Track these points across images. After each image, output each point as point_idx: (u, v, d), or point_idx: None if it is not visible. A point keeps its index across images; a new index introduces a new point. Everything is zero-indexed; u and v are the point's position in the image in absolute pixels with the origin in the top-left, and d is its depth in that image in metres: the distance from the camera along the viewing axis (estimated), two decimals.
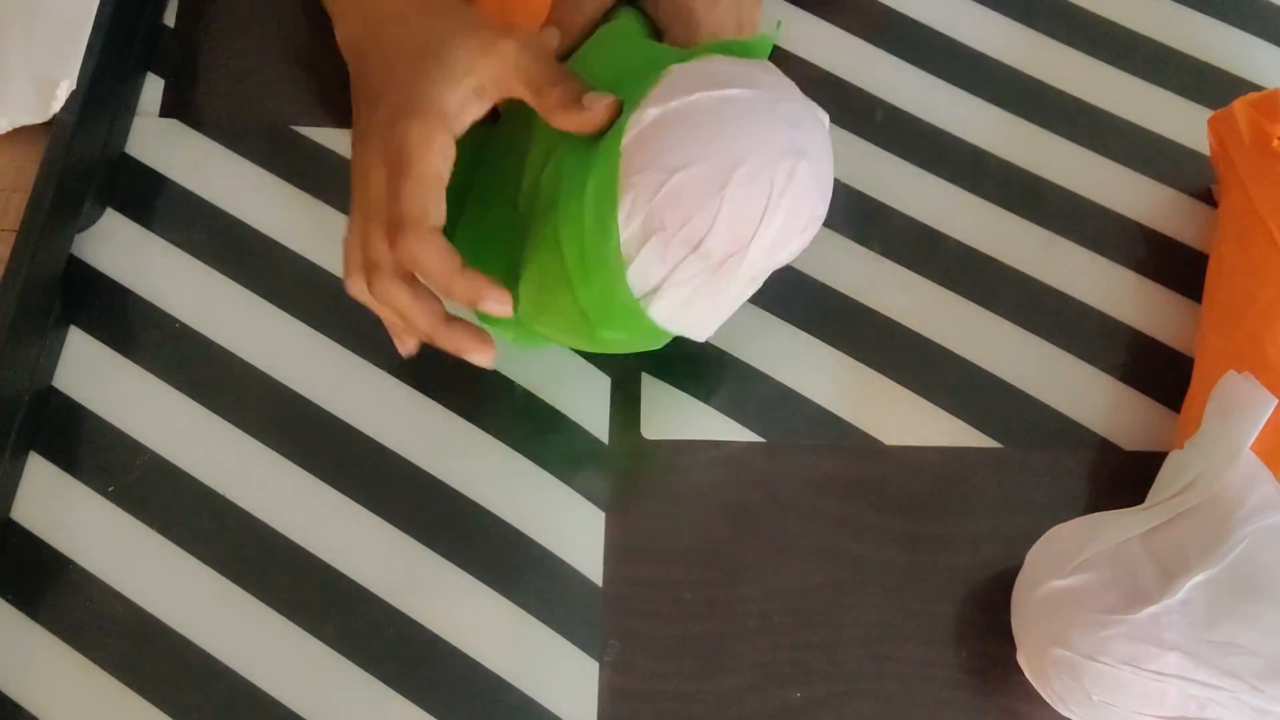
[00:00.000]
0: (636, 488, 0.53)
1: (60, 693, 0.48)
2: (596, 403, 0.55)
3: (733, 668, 0.50)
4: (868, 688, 0.49)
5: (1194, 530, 0.46)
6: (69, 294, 0.56)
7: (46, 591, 0.50)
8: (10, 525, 0.51)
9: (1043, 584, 0.47)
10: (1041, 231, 0.60)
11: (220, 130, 0.61)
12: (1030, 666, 0.47)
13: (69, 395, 0.54)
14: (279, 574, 0.51)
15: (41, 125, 0.56)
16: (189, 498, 0.52)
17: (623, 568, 0.51)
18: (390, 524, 0.52)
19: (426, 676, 0.49)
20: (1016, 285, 0.58)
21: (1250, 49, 0.66)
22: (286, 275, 0.57)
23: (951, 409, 0.55)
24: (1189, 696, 0.43)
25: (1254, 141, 0.55)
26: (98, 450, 0.53)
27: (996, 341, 0.57)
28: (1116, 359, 0.57)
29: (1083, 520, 0.49)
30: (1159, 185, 0.62)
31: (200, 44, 0.63)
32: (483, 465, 0.53)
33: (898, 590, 0.51)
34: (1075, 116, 0.63)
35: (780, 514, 0.53)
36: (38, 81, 0.56)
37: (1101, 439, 0.55)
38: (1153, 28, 0.66)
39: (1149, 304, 0.58)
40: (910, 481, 0.53)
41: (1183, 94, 0.64)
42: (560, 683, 0.49)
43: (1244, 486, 0.47)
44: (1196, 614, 0.44)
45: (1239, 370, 0.50)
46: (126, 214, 0.58)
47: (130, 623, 0.49)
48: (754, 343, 0.56)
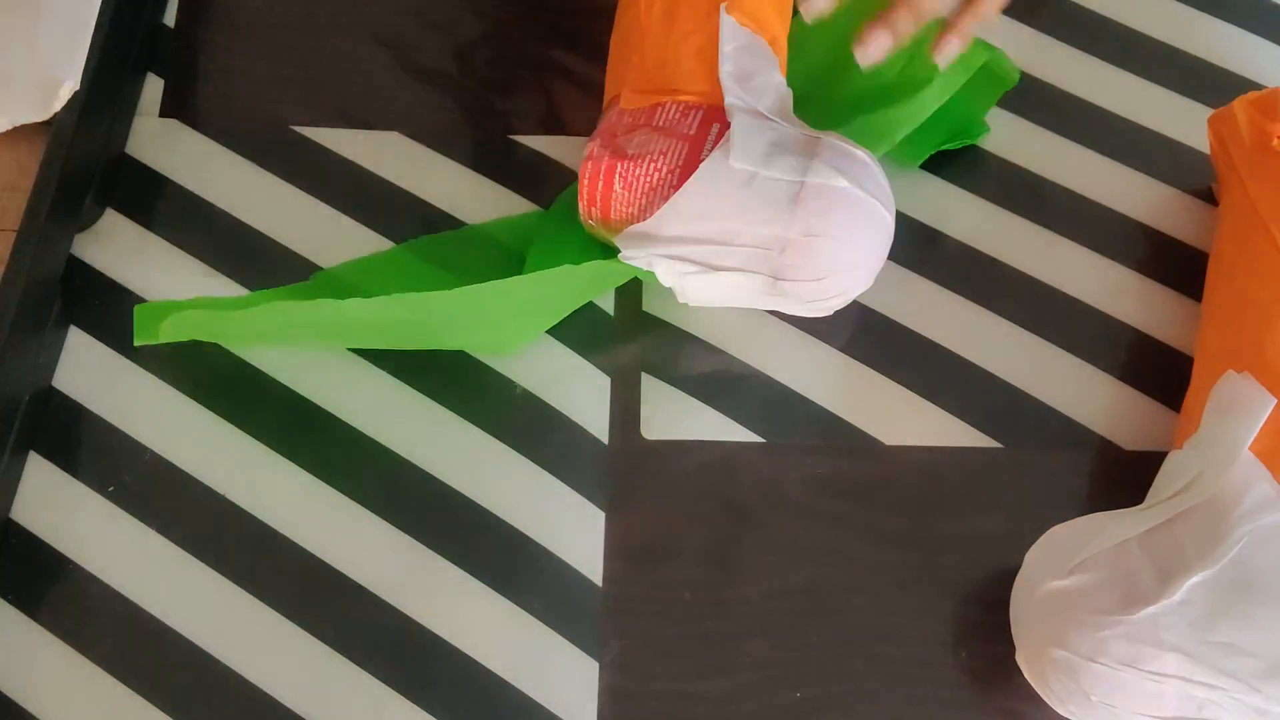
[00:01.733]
0: (636, 488, 0.53)
1: (60, 693, 0.48)
2: (596, 403, 0.55)
3: (733, 668, 0.50)
4: (868, 688, 0.49)
5: (1193, 530, 0.46)
6: (69, 294, 0.56)
7: (46, 591, 0.50)
8: (10, 525, 0.51)
9: (1042, 585, 0.47)
10: (1041, 230, 0.60)
11: (220, 130, 0.61)
12: (1029, 667, 0.47)
13: (69, 395, 0.54)
14: (279, 574, 0.51)
15: (41, 125, 0.56)
16: (189, 498, 0.52)
17: (623, 568, 0.51)
18: (390, 524, 0.52)
19: (426, 676, 0.49)
20: (1016, 285, 0.58)
21: (1250, 48, 0.66)
22: (286, 275, 0.57)
23: (951, 409, 0.55)
24: (1187, 697, 0.43)
25: (1254, 140, 0.55)
26: (98, 450, 0.53)
27: (996, 341, 0.57)
28: (1116, 358, 0.57)
29: (1082, 521, 0.49)
30: (1159, 184, 0.62)
31: (200, 44, 0.63)
32: (483, 465, 0.53)
33: (898, 590, 0.51)
34: (1075, 115, 0.63)
35: (780, 514, 0.53)
36: (40, 81, 0.56)
37: (1101, 439, 0.55)
38: (1153, 26, 0.66)
39: (1149, 303, 0.58)
40: (910, 481, 0.53)
41: (1183, 93, 0.64)
42: (560, 683, 0.49)
43: (1242, 486, 0.47)
44: (1195, 614, 0.44)
45: (1238, 370, 0.50)
46: (126, 214, 0.58)
47: (130, 623, 0.49)
48: (754, 343, 0.56)
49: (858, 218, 0.51)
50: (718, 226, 0.51)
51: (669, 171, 0.51)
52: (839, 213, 0.50)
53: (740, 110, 0.52)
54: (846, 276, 0.51)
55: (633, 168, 0.52)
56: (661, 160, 0.52)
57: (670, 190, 0.51)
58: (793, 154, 0.51)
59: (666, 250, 0.52)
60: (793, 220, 0.50)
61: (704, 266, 0.52)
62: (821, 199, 0.50)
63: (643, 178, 0.52)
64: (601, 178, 0.52)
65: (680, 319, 0.57)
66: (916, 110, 0.56)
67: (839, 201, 0.50)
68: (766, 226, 0.50)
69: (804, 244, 0.50)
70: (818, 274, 0.51)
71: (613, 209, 0.53)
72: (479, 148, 0.61)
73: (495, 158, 0.61)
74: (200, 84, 0.62)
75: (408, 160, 0.60)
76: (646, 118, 0.53)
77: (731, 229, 0.50)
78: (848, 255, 0.51)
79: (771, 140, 0.51)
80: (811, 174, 0.50)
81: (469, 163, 0.60)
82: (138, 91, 0.62)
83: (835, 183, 0.50)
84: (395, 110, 0.61)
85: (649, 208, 0.52)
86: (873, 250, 0.52)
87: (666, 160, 0.52)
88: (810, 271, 0.50)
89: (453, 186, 0.60)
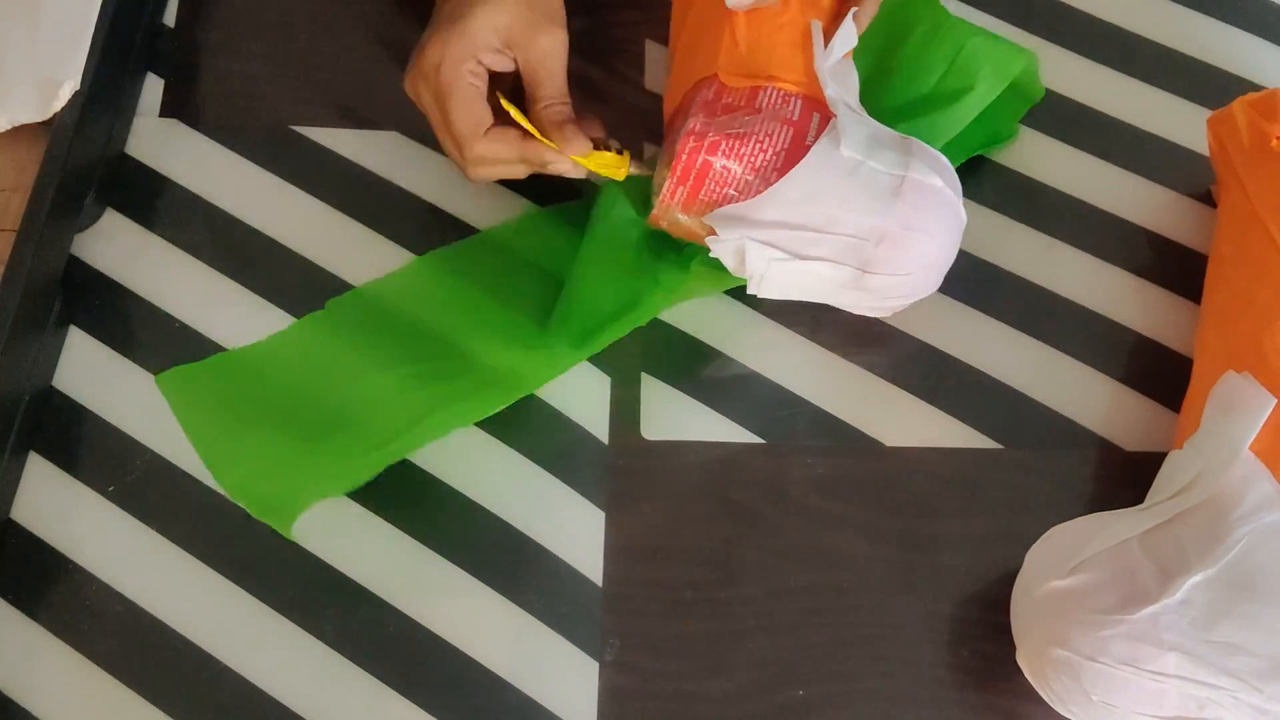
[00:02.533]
0: (636, 488, 0.53)
1: (60, 693, 0.48)
2: (596, 403, 0.55)
3: (733, 668, 0.50)
4: (868, 688, 0.49)
5: (1193, 530, 0.46)
6: (69, 294, 0.56)
7: (46, 591, 0.50)
8: (10, 525, 0.51)
9: (1042, 584, 0.47)
10: (1040, 234, 0.60)
11: (220, 130, 0.61)
12: (1030, 666, 0.47)
13: (69, 395, 0.54)
14: (279, 574, 0.50)
15: (42, 125, 0.56)
16: (189, 498, 0.52)
17: (623, 568, 0.51)
18: (390, 523, 0.52)
19: (426, 676, 0.49)
20: (1016, 288, 0.59)
21: (1249, 49, 0.66)
22: (286, 275, 0.57)
23: (952, 410, 0.55)
24: (1188, 696, 0.43)
25: (1253, 142, 0.55)
26: (98, 450, 0.53)
27: (997, 344, 0.57)
28: (1116, 360, 0.57)
29: (1082, 520, 0.49)
30: (1158, 187, 0.62)
31: (200, 44, 0.63)
32: (483, 465, 0.53)
33: (898, 590, 0.51)
34: (1074, 119, 0.63)
35: (780, 514, 0.53)
36: (41, 82, 0.56)
37: (1101, 440, 0.55)
38: (1152, 29, 0.66)
39: (1149, 305, 0.58)
40: (910, 482, 0.53)
41: (1181, 95, 0.64)
42: (560, 683, 0.49)
43: (1243, 486, 0.47)
44: (1195, 614, 0.44)
45: (1238, 370, 0.50)
46: (126, 214, 0.58)
47: (130, 623, 0.49)
48: (754, 344, 0.57)
49: (948, 216, 0.52)
50: (820, 212, 0.51)
51: (775, 154, 0.52)
52: (934, 210, 0.51)
53: (841, 103, 0.53)
54: (929, 274, 0.53)
55: (739, 146, 0.52)
56: (768, 141, 0.52)
57: (775, 172, 0.51)
58: (891, 149, 0.51)
59: (761, 234, 0.51)
60: (892, 212, 0.50)
61: (792, 255, 0.52)
62: (921, 194, 0.51)
63: (748, 157, 0.52)
64: (703, 153, 0.52)
65: (680, 320, 0.57)
66: (955, 119, 0.58)
67: (935, 199, 0.51)
68: (868, 216, 0.50)
69: (900, 236, 0.51)
70: (907, 269, 0.51)
71: (705, 187, 0.52)
72: None
73: None
74: (200, 84, 0.62)
75: (408, 160, 0.60)
76: (748, 99, 0.53)
77: (833, 215, 0.51)
78: (935, 252, 0.52)
79: (870, 134, 0.52)
80: (912, 170, 0.51)
81: None
82: (138, 91, 0.62)
83: (932, 180, 0.51)
84: (395, 110, 0.61)
85: (748, 189, 0.52)
86: (954, 249, 0.53)
87: (773, 142, 0.52)
88: (900, 265, 0.51)
89: (452, 186, 0.60)
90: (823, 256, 0.51)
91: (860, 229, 0.51)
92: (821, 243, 0.51)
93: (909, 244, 0.51)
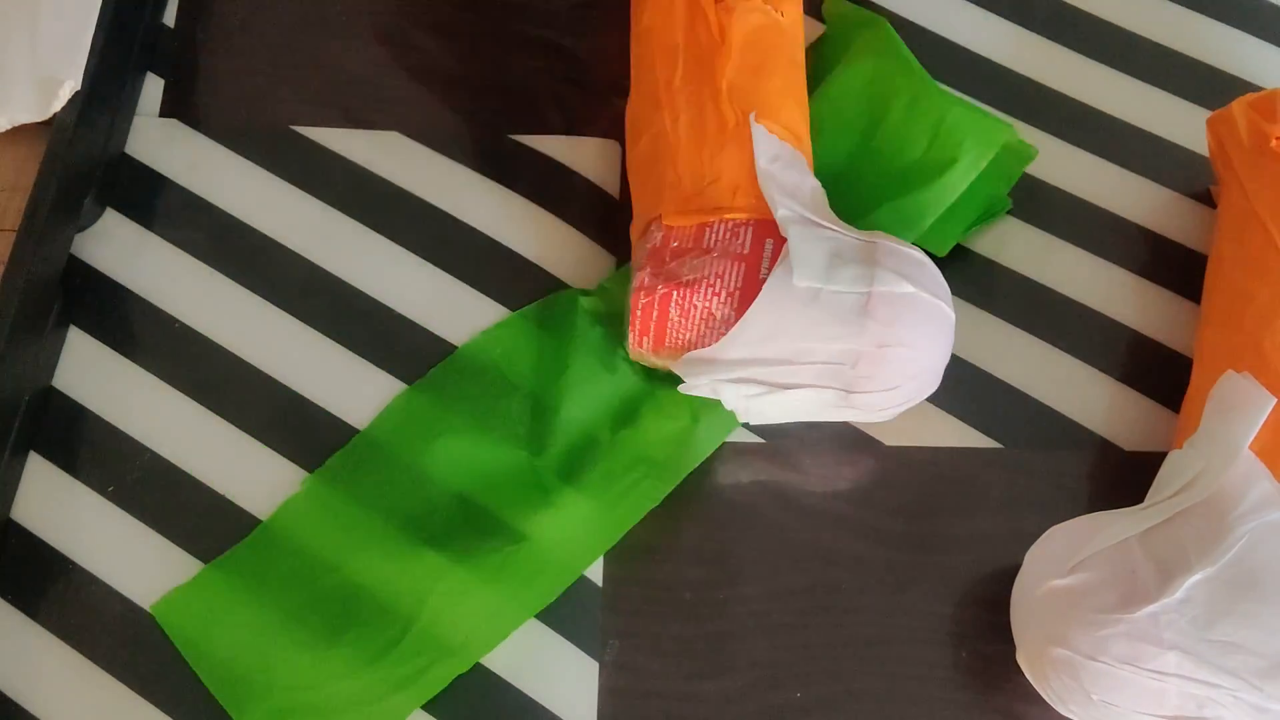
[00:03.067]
0: None
1: (60, 693, 0.48)
2: None
3: (733, 668, 0.50)
4: (868, 688, 0.49)
5: (1193, 529, 0.46)
6: (69, 294, 0.56)
7: (46, 591, 0.50)
8: (10, 525, 0.51)
9: (1042, 584, 0.47)
10: (1041, 233, 0.60)
11: (220, 130, 0.61)
12: (1030, 666, 0.47)
13: (69, 395, 0.54)
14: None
15: (41, 125, 0.56)
16: (189, 498, 0.52)
17: (623, 568, 0.51)
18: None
19: None
20: (1015, 287, 0.59)
21: (1249, 49, 0.66)
22: (286, 275, 0.57)
23: (952, 409, 0.55)
24: (1188, 695, 0.43)
25: (1252, 142, 0.55)
26: (98, 450, 0.53)
27: (996, 342, 0.57)
28: (1116, 360, 0.57)
29: (1082, 520, 0.49)
30: (1158, 186, 0.62)
31: (200, 44, 0.63)
32: None
33: (898, 590, 0.51)
34: (1073, 118, 0.63)
35: (780, 514, 0.53)
36: (40, 81, 0.56)
37: (1101, 439, 0.55)
38: (1151, 28, 0.66)
39: (1148, 305, 0.58)
40: (911, 481, 0.53)
41: (1181, 95, 0.64)
42: (560, 683, 0.49)
43: (1242, 485, 0.47)
44: (1196, 613, 0.44)
45: (1237, 370, 0.50)
46: (126, 214, 0.58)
47: (130, 623, 0.49)
48: None
49: (926, 322, 0.50)
50: (786, 346, 0.49)
51: (728, 295, 0.50)
52: (908, 319, 0.49)
53: (792, 222, 0.51)
54: (920, 382, 0.51)
55: (689, 294, 0.50)
56: (719, 283, 0.50)
57: (731, 313, 0.50)
58: (853, 263, 0.50)
59: (732, 374, 0.50)
60: (863, 333, 0.48)
61: (772, 386, 0.50)
62: (890, 307, 0.49)
63: (700, 304, 0.50)
64: (656, 307, 0.50)
65: None
66: (943, 193, 0.55)
67: (906, 308, 0.49)
68: (837, 342, 0.49)
69: (877, 355, 0.49)
70: (892, 383, 0.49)
71: (668, 338, 0.51)
72: (479, 148, 0.61)
73: (495, 158, 0.61)
74: (200, 84, 0.62)
75: (408, 160, 0.60)
76: (695, 240, 0.52)
77: (801, 348, 0.49)
78: (920, 361, 0.50)
79: (829, 250, 0.50)
80: (877, 283, 0.49)
81: (469, 163, 0.60)
82: (138, 91, 0.62)
83: (901, 289, 0.49)
84: (395, 110, 0.61)
85: (708, 334, 0.50)
86: (943, 351, 0.51)
87: (725, 283, 0.50)
88: (884, 381, 0.49)
89: (453, 186, 0.60)
90: (802, 384, 0.50)
91: (833, 355, 0.49)
92: (799, 372, 0.50)
93: (888, 361, 0.49)
